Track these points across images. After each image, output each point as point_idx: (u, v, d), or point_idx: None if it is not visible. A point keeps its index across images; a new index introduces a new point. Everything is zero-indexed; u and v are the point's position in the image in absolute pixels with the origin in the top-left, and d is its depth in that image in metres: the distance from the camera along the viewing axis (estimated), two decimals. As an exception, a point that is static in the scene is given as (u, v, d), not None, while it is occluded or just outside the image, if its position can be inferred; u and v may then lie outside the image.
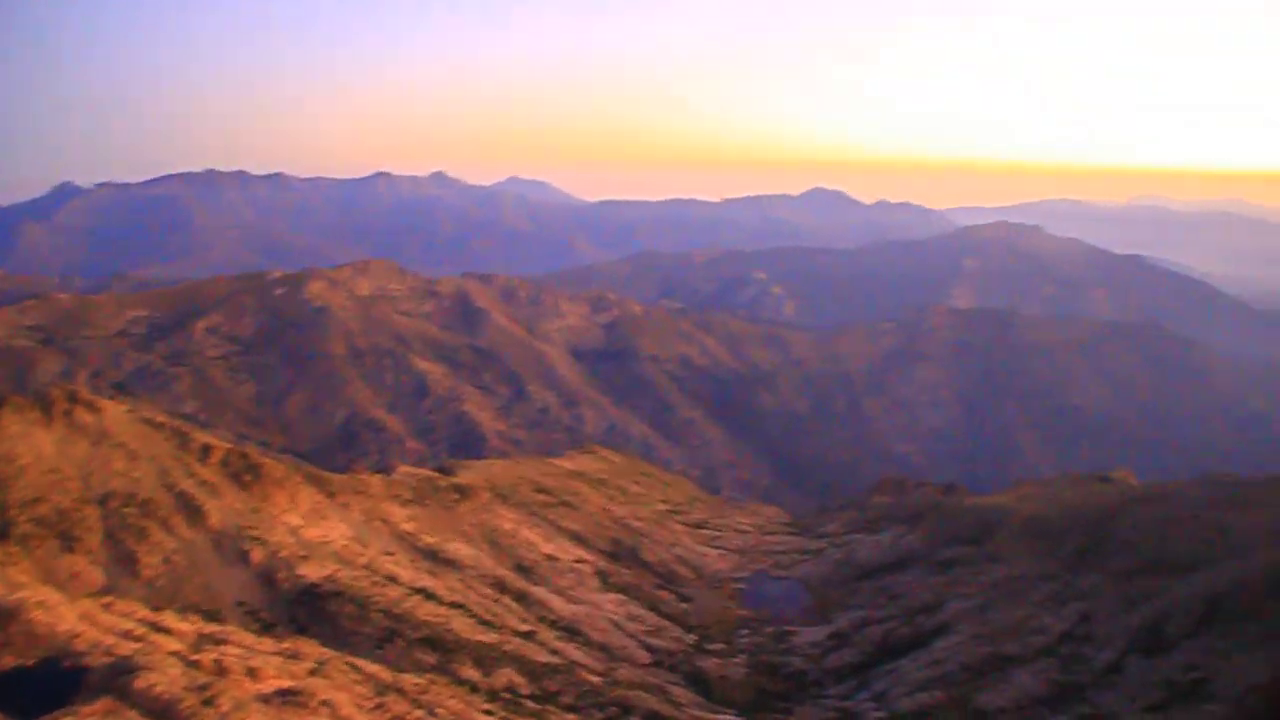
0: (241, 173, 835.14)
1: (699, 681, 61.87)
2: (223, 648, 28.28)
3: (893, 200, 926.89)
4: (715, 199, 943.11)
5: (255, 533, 58.04)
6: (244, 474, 63.65)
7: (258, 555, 56.13)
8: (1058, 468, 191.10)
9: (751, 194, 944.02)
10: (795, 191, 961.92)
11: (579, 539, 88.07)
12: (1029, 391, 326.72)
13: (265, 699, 23.37)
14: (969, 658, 57.99)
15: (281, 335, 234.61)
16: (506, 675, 50.09)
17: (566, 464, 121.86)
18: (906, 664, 61.26)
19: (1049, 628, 58.86)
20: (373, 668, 34.38)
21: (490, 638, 56.50)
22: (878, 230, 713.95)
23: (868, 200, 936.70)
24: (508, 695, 45.43)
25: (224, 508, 58.65)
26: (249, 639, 32.77)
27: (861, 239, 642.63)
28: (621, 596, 76.22)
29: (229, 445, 68.70)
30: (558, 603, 70.60)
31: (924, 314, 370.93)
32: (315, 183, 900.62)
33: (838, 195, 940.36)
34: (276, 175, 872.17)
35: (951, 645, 61.37)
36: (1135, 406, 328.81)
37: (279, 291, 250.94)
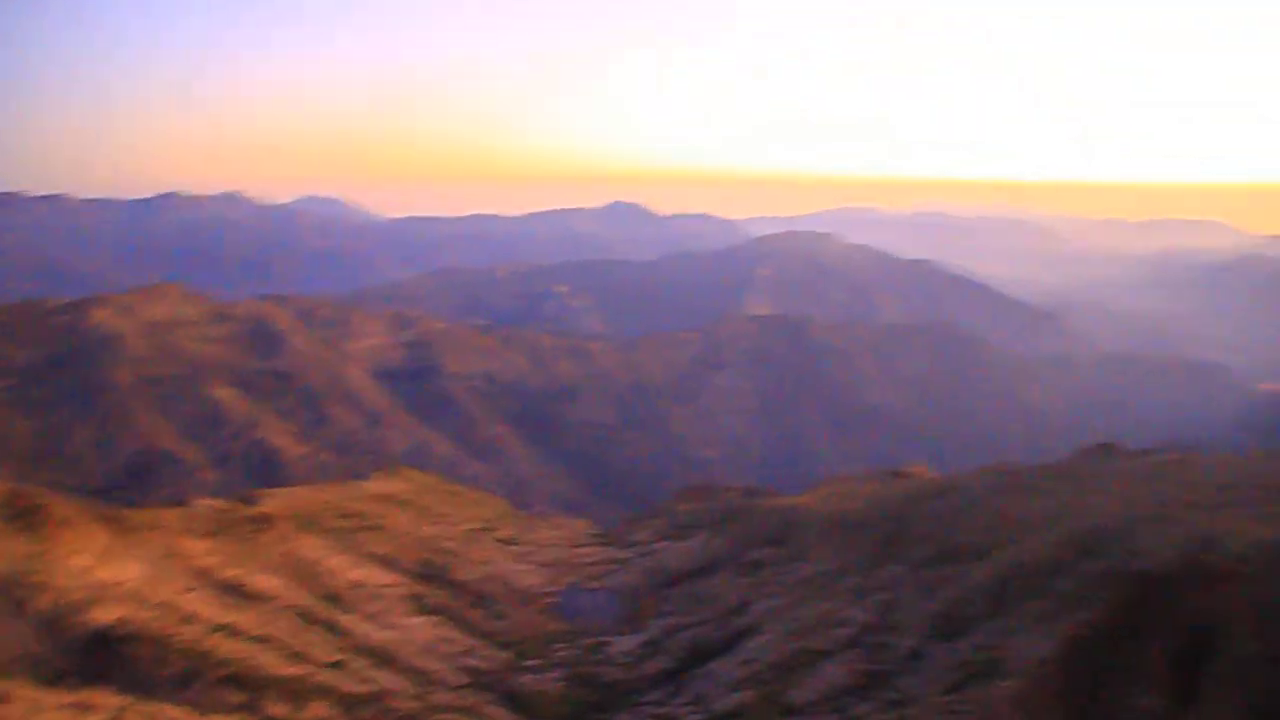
0: (16, 194, 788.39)
1: (515, 699, 61.37)
2: (4, 708, 26.59)
3: (690, 212, 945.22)
4: (516, 213, 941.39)
5: (39, 578, 54.63)
6: (24, 515, 59.90)
7: (42, 602, 52.87)
8: (855, 466, 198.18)
9: (552, 208, 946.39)
10: (595, 205, 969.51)
11: (388, 563, 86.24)
12: (825, 393, 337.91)
13: (54, 752, 22.09)
14: (779, 655, 59.28)
15: (64, 366, 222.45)
16: (317, 708, 48.59)
17: (372, 487, 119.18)
18: (719, 666, 62.17)
19: (853, 620, 60.66)
20: (174, 711, 32.89)
21: (299, 670, 54.71)
22: (676, 241, 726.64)
23: (666, 212, 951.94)
24: (319, 728, 44.14)
25: (1, 553, 55.16)
26: (35, 693, 30.90)
27: (661, 250, 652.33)
28: (434, 619, 74.95)
29: (6, 485, 64.68)
30: (368, 630, 68.94)
31: (722, 322, 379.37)
32: (99, 204, 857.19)
33: (636, 208, 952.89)
34: (56, 196, 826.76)
35: (761, 644, 62.63)
36: (926, 403, 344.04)
37: (60, 319, 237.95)
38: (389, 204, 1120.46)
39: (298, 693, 50.54)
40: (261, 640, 57.96)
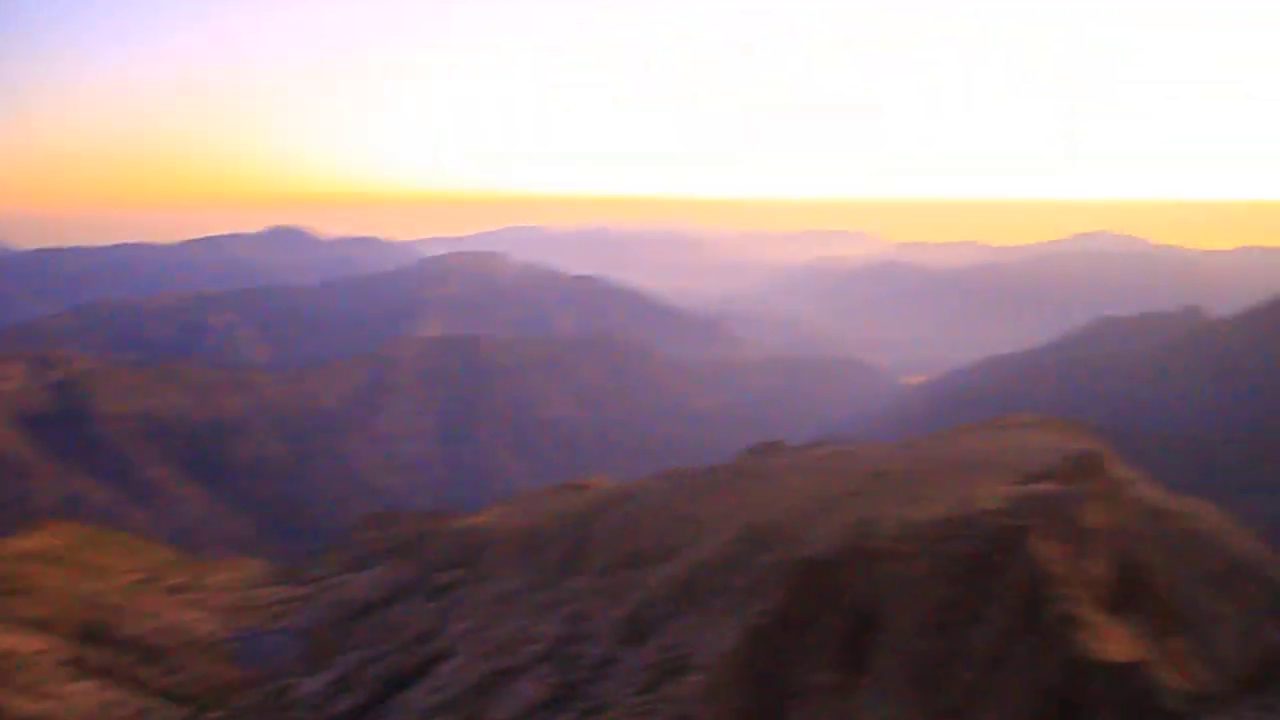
0: None
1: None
2: None
3: (355, 234, 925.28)
4: (168, 241, 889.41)
5: None
6: None
7: None
8: (536, 481, 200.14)
9: (207, 234, 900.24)
10: (252, 230, 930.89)
11: (42, 626, 79.56)
12: (502, 411, 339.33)
13: None
14: (473, 677, 59.03)
15: None
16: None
17: (18, 545, 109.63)
18: (413, 695, 61.24)
19: (544, 635, 61.19)
20: None
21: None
22: (342, 265, 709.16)
23: (329, 235, 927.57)
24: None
25: None
26: None
27: (326, 275, 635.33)
28: (98, 683, 69.81)
29: None
30: (21, 703, 63.38)
31: (394, 345, 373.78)
32: None
33: (298, 232, 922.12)
34: None
35: (454, 668, 62.17)
36: (600, 414, 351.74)
37: None
38: (20, 234, 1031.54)
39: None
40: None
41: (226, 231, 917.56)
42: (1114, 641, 28.24)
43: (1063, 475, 47.48)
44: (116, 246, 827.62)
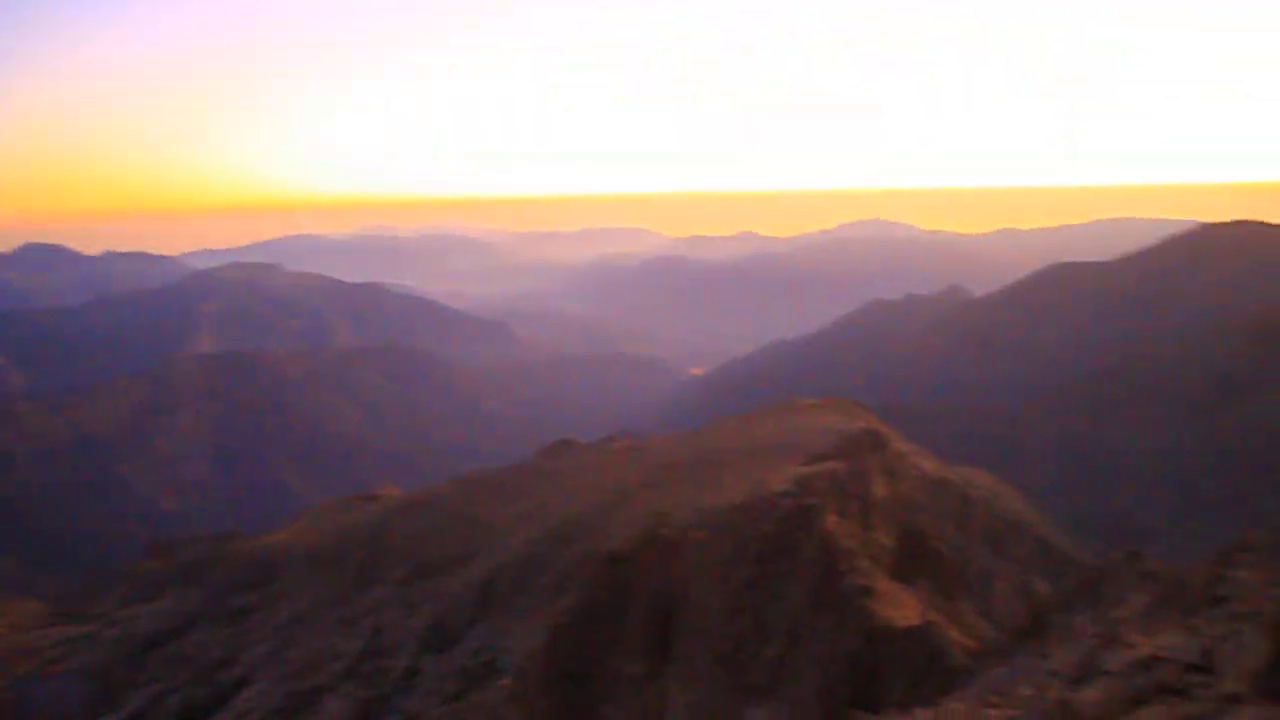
0: None
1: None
2: None
3: (120, 249, 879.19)
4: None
5: None
6: None
7: None
8: (326, 496, 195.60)
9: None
10: (4, 250, 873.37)
11: None
12: (287, 426, 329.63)
13: None
14: (275, 701, 57.37)
15: None
16: None
17: None
18: (211, 726, 59.18)
19: (346, 651, 60.01)
20: None
21: None
22: (107, 282, 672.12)
23: (92, 252, 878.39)
24: None
25: None
26: None
27: (90, 293, 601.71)
28: None
29: None
30: None
31: (169, 364, 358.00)
32: None
33: (56, 249, 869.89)
34: None
35: (256, 694, 60.26)
36: (389, 424, 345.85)
37: None
38: None
39: None
40: None
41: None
42: (904, 607, 29.70)
43: (846, 453, 49.58)
44: None
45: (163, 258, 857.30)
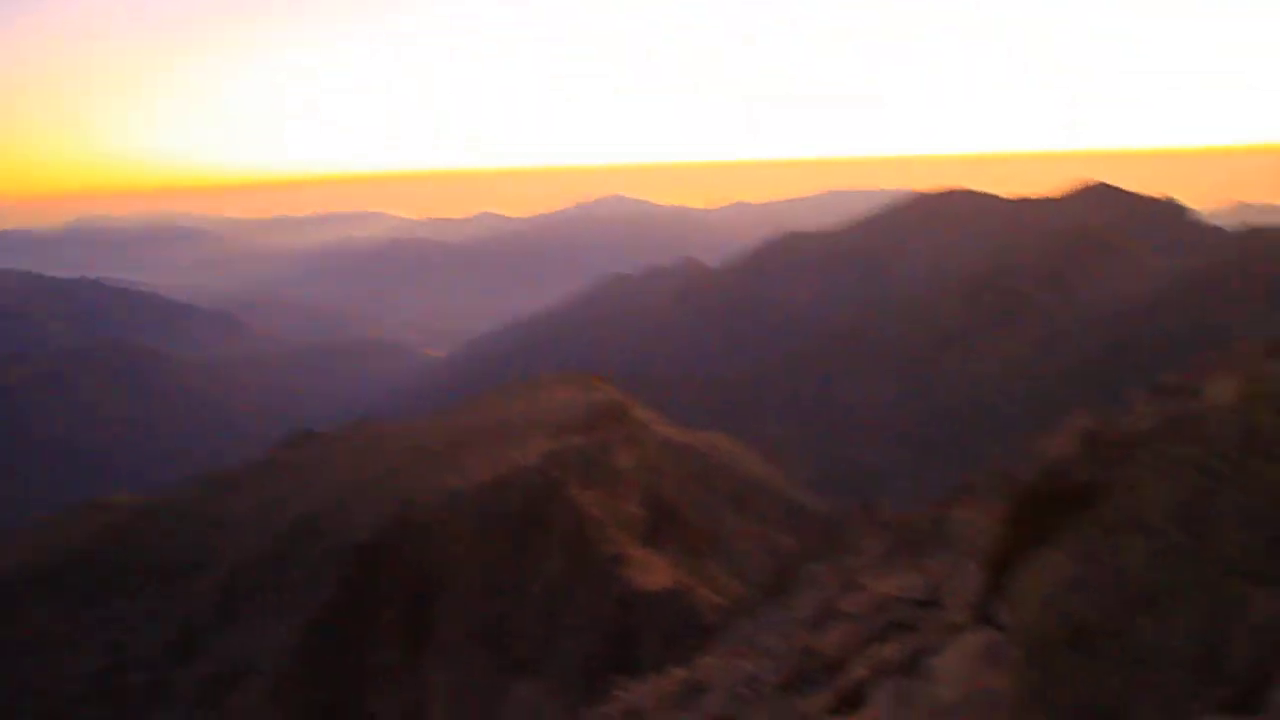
0: None
1: None
2: None
3: None
4: None
5: None
6: None
7: None
8: (49, 508, 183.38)
9: None
10: None
11: None
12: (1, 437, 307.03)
13: None
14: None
15: None
16: None
17: None
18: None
19: (82, 671, 56.72)
20: None
21: None
22: None
23: None
24: None
25: None
26: None
27: None
28: None
29: None
30: None
31: None
32: None
33: None
34: None
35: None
36: (114, 427, 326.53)
37: None
38: None
39: None
40: None
41: None
42: (655, 572, 30.49)
43: (591, 425, 50.24)
44: None
45: None
